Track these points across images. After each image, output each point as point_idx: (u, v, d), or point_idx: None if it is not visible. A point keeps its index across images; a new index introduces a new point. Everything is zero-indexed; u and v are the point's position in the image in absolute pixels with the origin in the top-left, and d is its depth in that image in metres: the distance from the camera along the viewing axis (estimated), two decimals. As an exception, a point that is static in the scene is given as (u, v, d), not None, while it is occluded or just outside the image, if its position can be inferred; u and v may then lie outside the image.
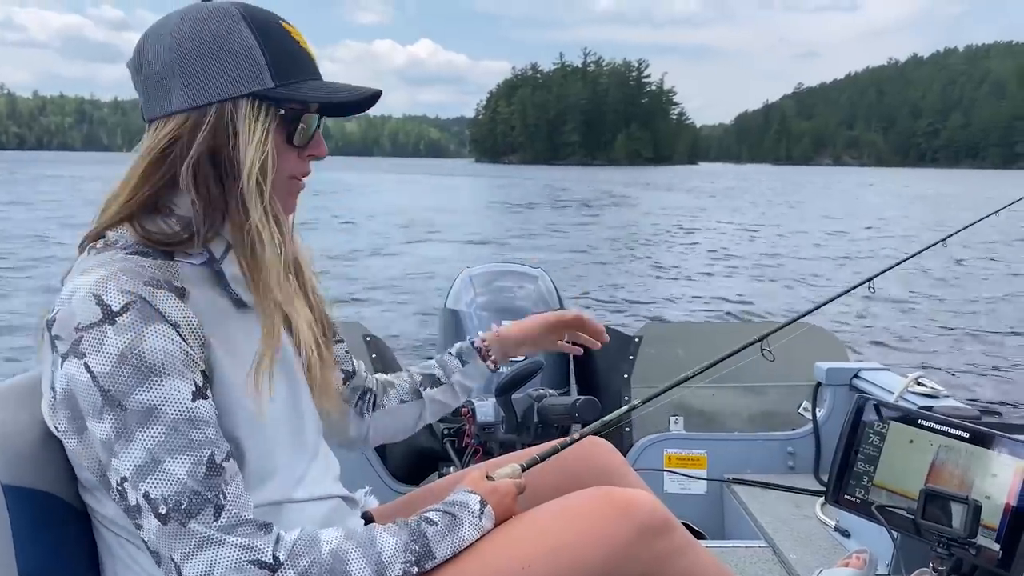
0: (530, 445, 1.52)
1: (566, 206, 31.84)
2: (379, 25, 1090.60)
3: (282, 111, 1.05)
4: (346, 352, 1.43)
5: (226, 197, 1.04)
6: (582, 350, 1.61)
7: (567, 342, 1.60)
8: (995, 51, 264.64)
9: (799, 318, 2.01)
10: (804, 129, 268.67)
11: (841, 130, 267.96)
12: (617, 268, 13.81)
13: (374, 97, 1.10)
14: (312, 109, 1.09)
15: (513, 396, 2.13)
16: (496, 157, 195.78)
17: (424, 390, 1.49)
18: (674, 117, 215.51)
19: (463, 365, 1.50)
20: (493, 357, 1.52)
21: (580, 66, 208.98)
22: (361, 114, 1.14)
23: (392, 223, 22.37)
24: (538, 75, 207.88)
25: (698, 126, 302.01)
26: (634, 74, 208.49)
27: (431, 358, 1.55)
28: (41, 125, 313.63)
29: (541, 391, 2.19)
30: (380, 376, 1.51)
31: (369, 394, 1.47)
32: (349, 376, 1.44)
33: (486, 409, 2.20)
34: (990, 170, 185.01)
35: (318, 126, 1.11)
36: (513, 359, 1.59)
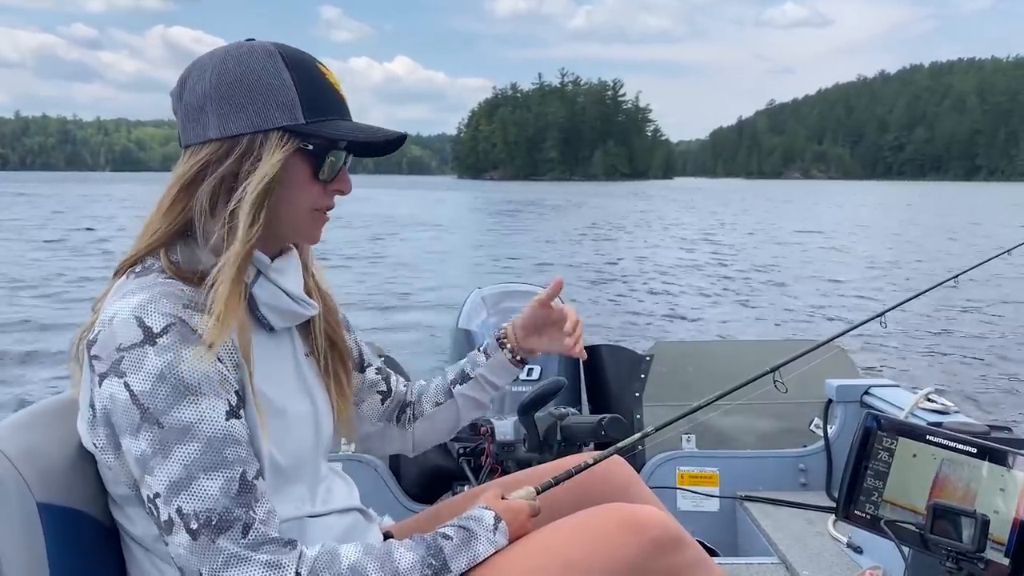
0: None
1: (548, 215, 36.01)
2: (355, 43, 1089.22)
3: (309, 146, 1.10)
4: (377, 373, 1.47)
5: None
6: (586, 354, 1.52)
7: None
8: (957, 68, 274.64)
9: (809, 351, 2.03)
10: (775, 144, 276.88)
11: (810, 145, 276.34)
12: (613, 285, 13.85)
13: (400, 140, 1.15)
14: (340, 147, 1.13)
15: (535, 415, 2.16)
16: (478, 174, 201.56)
17: (454, 388, 1.50)
18: (649, 134, 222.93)
19: (487, 359, 1.50)
20: (509, 346, 1.49)
21: (558, 85, 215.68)
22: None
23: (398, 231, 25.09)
24: (518, 94, 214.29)
25: (675, 142, 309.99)
26: (610, 92, 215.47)
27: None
28: (24, 146, 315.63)
29: (563, 410, 2.19)
30: (415, 383, 1.55)
31: (409, 407, 1.52)
32: (386, 396, 1.47)
33: (505, 427, 2.23)
34: (953, 182, 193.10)
35: (345, 163, 1.15)
36: (528, 353, 1.50)
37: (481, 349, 1.52)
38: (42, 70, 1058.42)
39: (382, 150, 1.18)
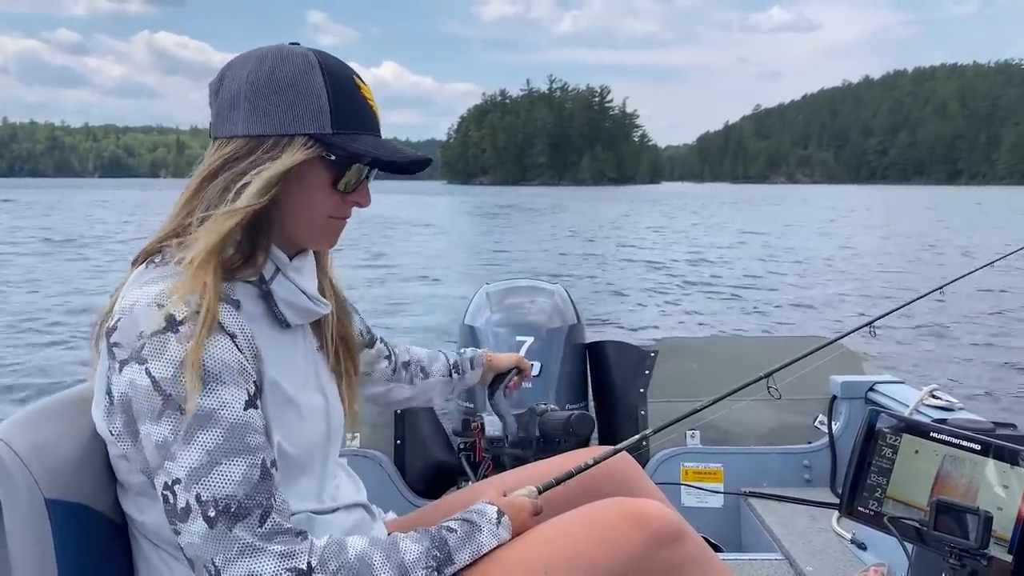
0: (536, 458, 1.63)
1: (538, 217, 37.20)
2: (341, 48, 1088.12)
3: (332, 156, 1.11)
4: (381, 343, 1.63)
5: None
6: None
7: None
8: (940, 73, 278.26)
9: (806, 355, 2.04)
10: (760, 149, 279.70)
11: (795, 149, 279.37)
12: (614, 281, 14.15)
13: (424, 162, 1.18)
14: (363, 161, 1.14)
15: (516, 411, 2.19)
16: (467, 179, 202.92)
17: (453, 374, 1.79)
18: (636, 139, 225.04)
19: (472, 369, 1.84)
20: (483, 373, 1.88)
21: (547, 91, 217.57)
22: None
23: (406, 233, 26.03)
24: (507, 100, 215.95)
25: (663, 146, 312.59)
26: (597, 99, 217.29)
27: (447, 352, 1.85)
28: (12, 152, 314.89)
29: (543, 405, 2.19)
30: (416, 350, 1.75)
31: (411, 365, 1.70)
32: (389, 359, 1.65)
33: (494, 424, 2.29)
34: (936, 186, 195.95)
35: (367, 177, 1.17)
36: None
37: (469, 359, 1.84)
38: (26, 76, 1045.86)
39: (405, 169, 1.19)
